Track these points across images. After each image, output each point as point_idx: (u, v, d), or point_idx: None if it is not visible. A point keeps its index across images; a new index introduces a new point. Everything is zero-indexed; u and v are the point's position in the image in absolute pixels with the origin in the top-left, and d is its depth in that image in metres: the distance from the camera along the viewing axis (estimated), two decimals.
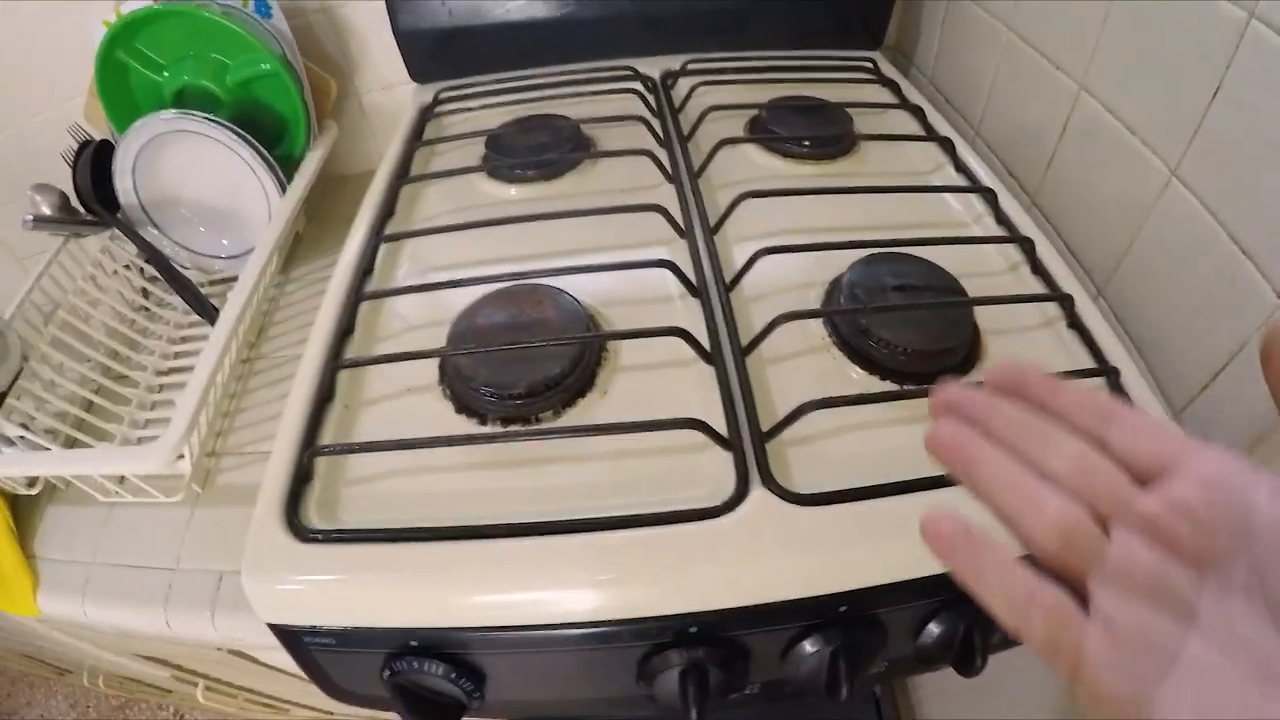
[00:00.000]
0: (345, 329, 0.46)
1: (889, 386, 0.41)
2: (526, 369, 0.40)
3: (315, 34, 0.71)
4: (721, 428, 0.37)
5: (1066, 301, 0.44)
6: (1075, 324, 0.44)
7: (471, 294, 0.45)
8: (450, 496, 0.37)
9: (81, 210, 0.65)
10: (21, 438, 0.54)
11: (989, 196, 0.51)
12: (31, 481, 0.56)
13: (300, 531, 0.36)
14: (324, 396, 0.42)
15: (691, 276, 0.45)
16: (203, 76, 0.64)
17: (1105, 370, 0.40)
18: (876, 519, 0.35)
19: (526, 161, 0.57)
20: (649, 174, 0.55)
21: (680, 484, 0.37)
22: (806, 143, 0.57)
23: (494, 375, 0.40)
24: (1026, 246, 0.47)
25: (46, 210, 0.63)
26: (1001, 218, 0.50)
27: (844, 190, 0.50)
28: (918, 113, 0.60)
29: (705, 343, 0.41)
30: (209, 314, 0.64)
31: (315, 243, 0.75)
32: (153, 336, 0.67)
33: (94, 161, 0.64)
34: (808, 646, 0.36)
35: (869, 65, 0.67)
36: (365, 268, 0.50)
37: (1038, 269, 0.47)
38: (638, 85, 0.64)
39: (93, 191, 0.64)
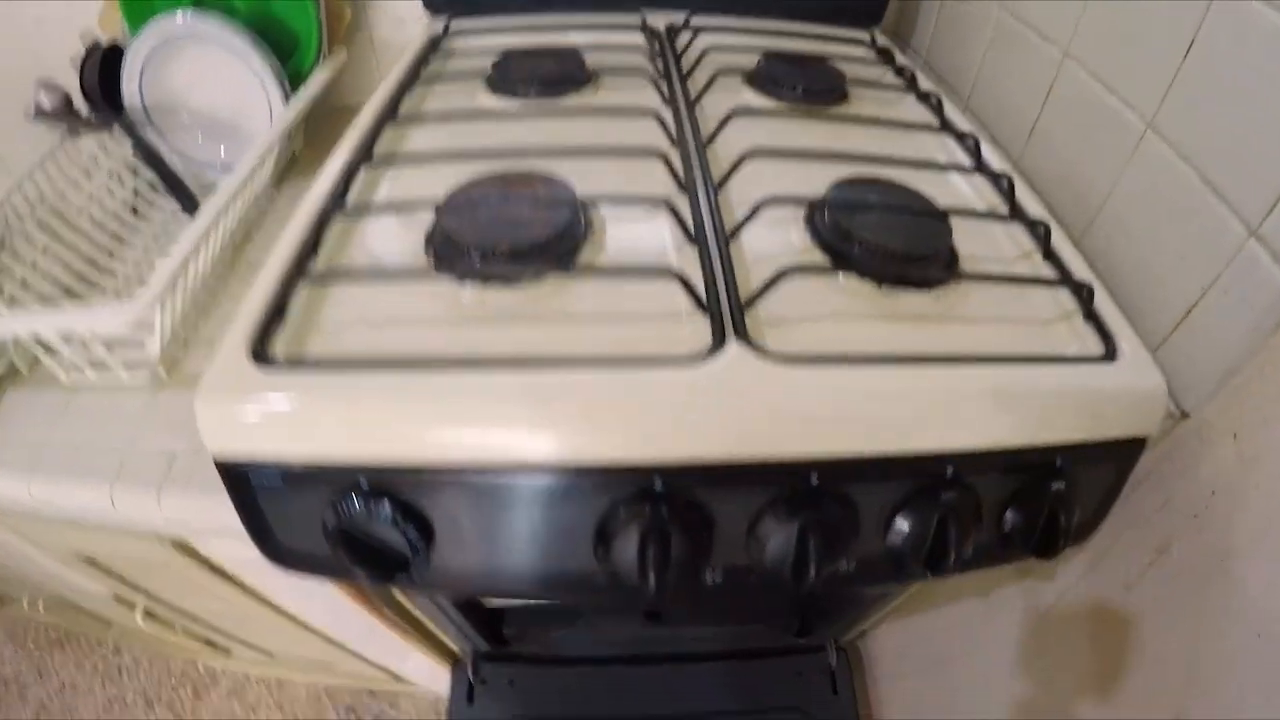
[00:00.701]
0: (341, 192, 0.45)
1: (869, 285, 0.40)
2: (512, 231, 0.40)
3: None
4: (701, 294, 0.37)
5: (1041, 227, 0.44)
6: (1050, 254, 0.44)
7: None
8: (421, 343, 0.36)
9: (82, 112, 0.65)
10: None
11: (970, 142, 0.52)
12: None
13: (263, 358, 0.34)
14: (310, 246, 0.40)
15: (680, 172, 0.45)
16: None
17: (1077, 286, 0.41)
18: (852, 386, 0.34)
19: (532, 77, 0.57)
20: (649, 96, 0.55)
21: (656, 345, 0.36)
22: (801, 90, 0.58)
23: (480, 237, 0.40)
24: (1005, 184, 0.48)
25: (49, 105, 0.62)
26: (982, 164, 0.51)
27: (836, 119, 0.51)
28: (907, 75, 0.62)
29: (690, 225, 0.41)
30: (196, 209, 0.63)
31: (309, 165, 0.75)
32: (136, 240, 0.66)
33: (102, 65, 0.65)
34: (775, 520, 0.35)
35: (866, 39, 0.69)
36: (368, 146, 0.49)
37: (1015, 210, 0.47)
38: (642, 35, 0.66)
39: (99, 91, 0.64)
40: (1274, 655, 0.36)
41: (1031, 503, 0.37)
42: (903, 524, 0.37)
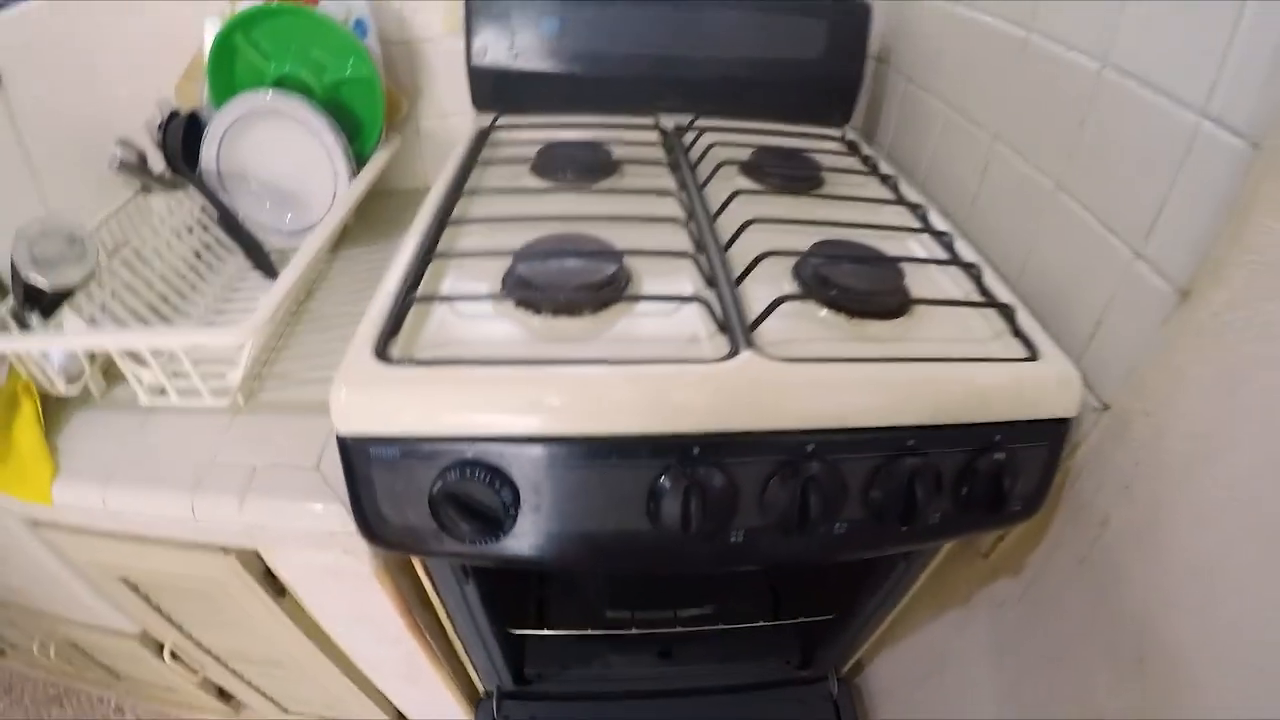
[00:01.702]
0: (433, 242, 0.61)
1: (843, 318, 0.57)
2: (573, 275, 0.56)
3: (394, 60, 0.91)
4: (720, 316, 0.53)
5: (974, 268, 0.62)
6: (983, 289, 0.61)
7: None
8: (507, 351, 0.51)
9: (155, 171, 0.79)
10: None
11: (920, 211, 0.71)
12: (72, 379, 0.66)
13: (385, 357, 0.49)
14: (414, 279, 0.56)
15: (696, 236, 0.63)
16: (302, 69, 0.83)
17: (1003, 307, 0.57)
18: (835, 378, 0.50)
19: (569, 164, 0.76)
20: (666, 180, 0.74)
21: (689, 353, 0.51)
22: (787, 176, 0.77)
23: (550, 279, 0.55)
24: (946, 240, 0.66)
25: (127, 160, 0.76)
26: (929, 226, 0.69)
27: (815, 198, 0.69)
28: (870, 162, 0.82)
29: (707, 272, 0.58)
30: (270, 268, 0.78)
31: (358, 237, 0.92)
32: (201, 292, 0.80)
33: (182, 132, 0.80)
34: (782, 481, 0.49)
35: (838, 135, 0.90)
36: (448, 209, 0.66)
37: (955, 258, 0.65)
38: (656, 133, 0.86)
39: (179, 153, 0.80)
40: (1205, 589, 0.47)
41: (979, 471, 0.51)
42: (880, 486, 0.51)
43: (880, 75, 0.96)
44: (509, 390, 0.48)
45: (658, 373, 0.48)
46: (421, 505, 0.49)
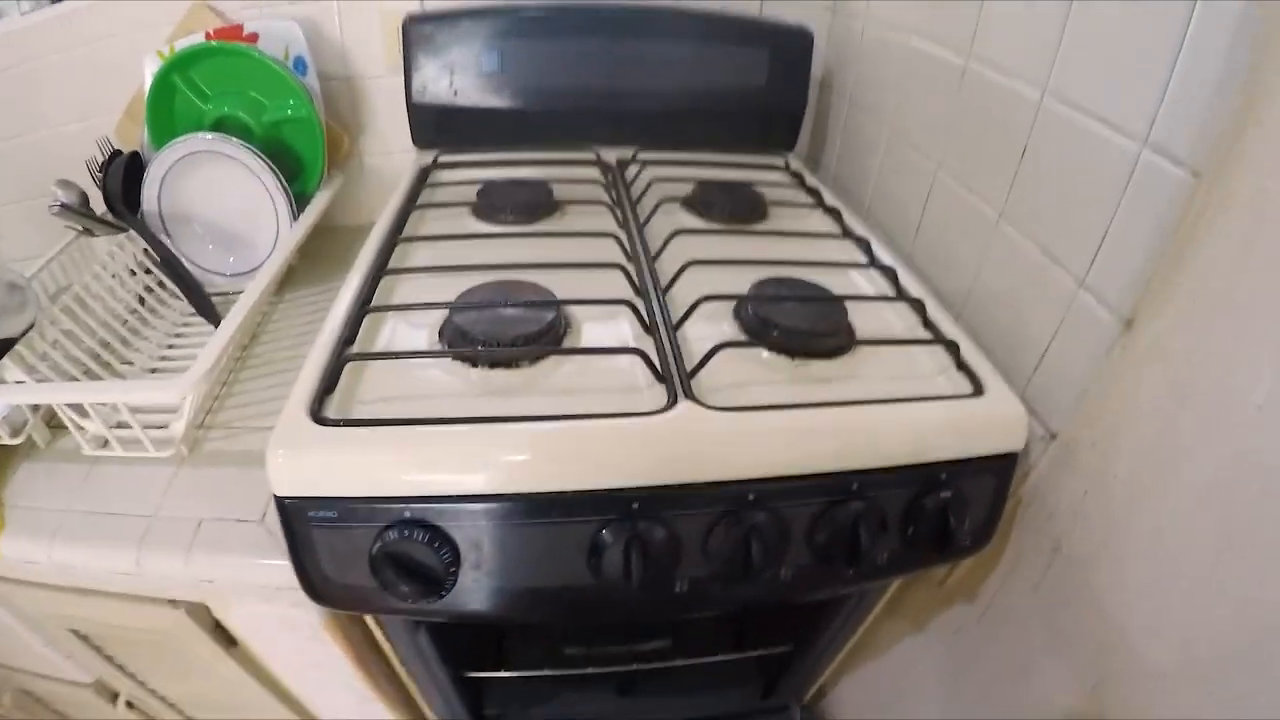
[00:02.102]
0: (368, 296, 0.61)
1: (785, 359, 0.57)
2: (509, 326, 0.56)
3: (335, 97, 0.90)
4: (658, 366, 0.53)
5: (919, 304, 0.63)
6: (929, 323, 0.62)
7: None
8: (443, 408, 0.50)
9: (97, 213, 0.76)
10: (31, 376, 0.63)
11: (864, 244, 0.72)
12: (16, 431, 0.64)
13: (321, 419, 0.48)
14: (349, 336, 0.55)
15: (635, 280, 0.63)
16: (241, 110, 0.82)
17: (948, 343, 0.58)
18: (775, 426, 0.50)
19: (510, 205, 0.75)
20: (607, 221, 0.74)
21: (627, 405, 0.51)
22: (729, 212, 0.77)
23: (486, 331, 0.55)
24: (891, 274, 0.67)
25: (68, 202, 0.73)
26: (874, 260, 0.70)
27: (757, 234, 0.70)
28: (815, 193, 0.83)
29: (646, 319, 0.58)
30: (213, 314, 0.77)
31: (303, 277, 0.90)
32: (144, 337, 0.78)
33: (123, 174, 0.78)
34: (725, 531, 0.49)
35: (782, 164, 0.91)
36: (384, 258, 0.66)
37: (900, 293, 0.66)
38: (597, 169, 0.86)
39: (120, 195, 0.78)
40: (1157, 608, 0.47)
41: (925, 510, 0.52)
42: (824, 530, 0.51)
43: (824, 99, 0.97)
44: (446, 450, 0.48)
45: (595, 428, 0.48)
46: (362, 565, 0.48)
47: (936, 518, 0.52)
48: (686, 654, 0.83)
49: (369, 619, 0.67)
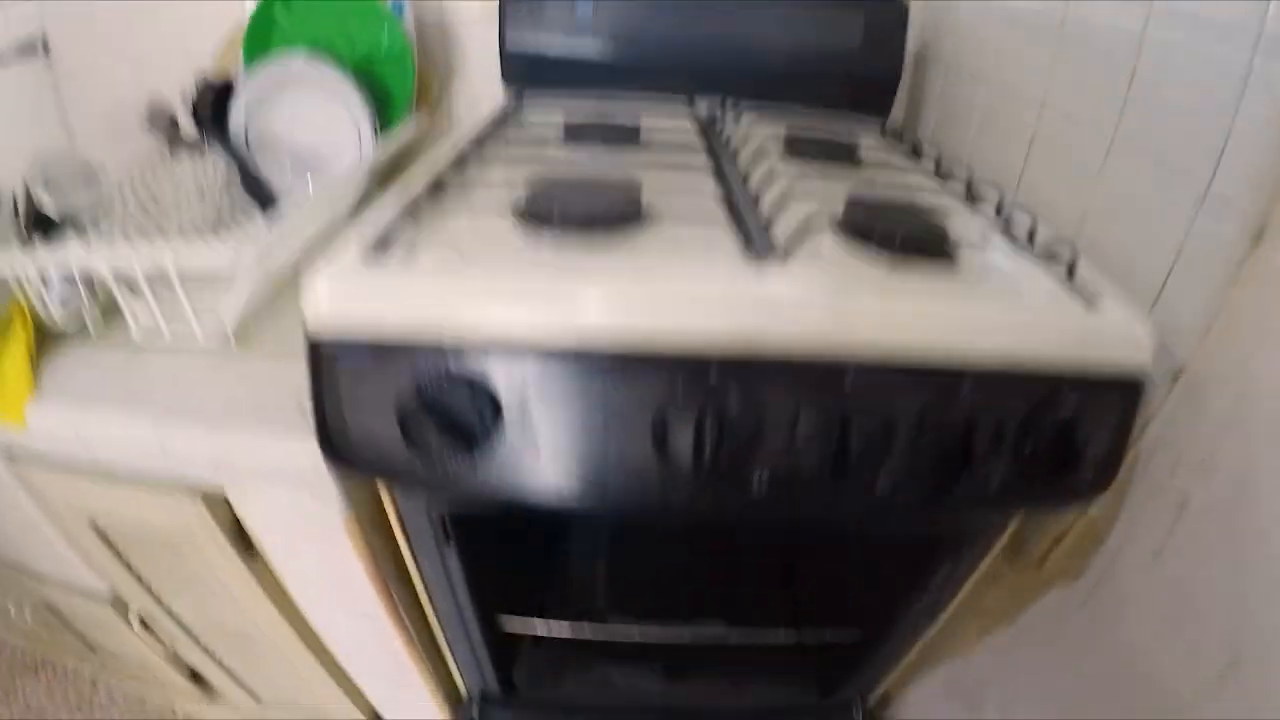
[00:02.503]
0: (442, 173, 0.59)
1: (886, 254, 0.51)
2: (586, 203, 0.52)
3: (429, 41, 0.92)
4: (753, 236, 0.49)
5: (1029, 218, 0.57)
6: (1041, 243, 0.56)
7: None
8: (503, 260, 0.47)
9: (185, 135, 0.80)
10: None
11: (967, 183, 0.66)
12: (71, 316, 0.64)
13: (374, 254, 0.46)
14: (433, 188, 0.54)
15: (727, 189, 0.60)
16: (336, 44, 0.83)
17: (1061, 257, 0.52)
18: (876, 305, 0.44)
19: (599, 134, 0.73)
20: (697, 155, 0.71)
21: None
22: (825, 157, 0.73)
23: (562, 205, 0.52)
24: (998, 199, 0.61)
25: (157, 121, 0.79)
26: (975, 193, 0.65)
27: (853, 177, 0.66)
28: (915, 148, 0.79)
29: (738, 205, 0.54)
30: None
31: None
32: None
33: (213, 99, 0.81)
34: (816, 417, 0.43)
35: (878, 128, 0.87)
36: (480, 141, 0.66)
37: (1008, 224, 0.60)
38: (688, 118, 0.84)
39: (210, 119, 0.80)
40: None
41: (1044, 427, 0.45)
42: (932, 432, 0.44)
43: (919, 73, 0.94)
44: (497, 284, 0.44)
45: (675, 280, 0.44)
46: (388, 414, 0.44)
47: (1057, 437, 0.45)
48: (741, 632, 0.75)
49: (394, 523, 0.61)
